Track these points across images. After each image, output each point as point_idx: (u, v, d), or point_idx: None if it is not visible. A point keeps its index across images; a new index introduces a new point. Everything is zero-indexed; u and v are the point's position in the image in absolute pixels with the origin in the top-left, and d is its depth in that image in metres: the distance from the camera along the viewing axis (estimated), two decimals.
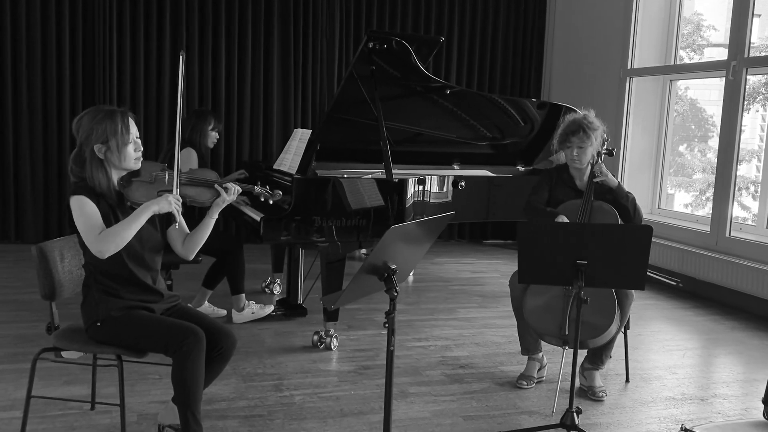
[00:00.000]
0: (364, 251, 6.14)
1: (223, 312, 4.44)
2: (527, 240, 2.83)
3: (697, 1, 6.56)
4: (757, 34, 5.39)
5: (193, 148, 4.40)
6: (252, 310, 4.36)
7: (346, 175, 4.20)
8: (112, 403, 2.76)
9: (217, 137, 4.61)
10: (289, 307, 4.58)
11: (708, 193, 6.28)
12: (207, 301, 4.44)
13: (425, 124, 4.92)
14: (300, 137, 4.44)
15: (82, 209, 2.45)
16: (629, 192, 3.48)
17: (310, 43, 6.89)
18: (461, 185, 4.46)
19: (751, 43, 5.29)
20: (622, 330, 3.46)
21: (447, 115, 4.90)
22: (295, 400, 3.21)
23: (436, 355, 3.91)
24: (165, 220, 2.63)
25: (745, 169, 5.92)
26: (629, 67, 6.44)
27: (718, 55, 6.36)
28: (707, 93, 6.68)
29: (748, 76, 5.32)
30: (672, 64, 6.38)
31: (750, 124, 6.08)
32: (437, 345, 4.10)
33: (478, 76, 7.51)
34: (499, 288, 5.55)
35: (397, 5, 7.15)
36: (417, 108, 4.83)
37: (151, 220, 2.59)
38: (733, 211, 5.41)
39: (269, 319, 4.39)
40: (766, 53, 5.55)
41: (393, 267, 2.29)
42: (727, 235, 5.39)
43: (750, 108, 5.72)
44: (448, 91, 4.69)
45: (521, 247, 2.84)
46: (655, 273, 5.63)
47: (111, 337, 2.53)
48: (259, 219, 3.76)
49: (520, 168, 5.49)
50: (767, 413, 2.39)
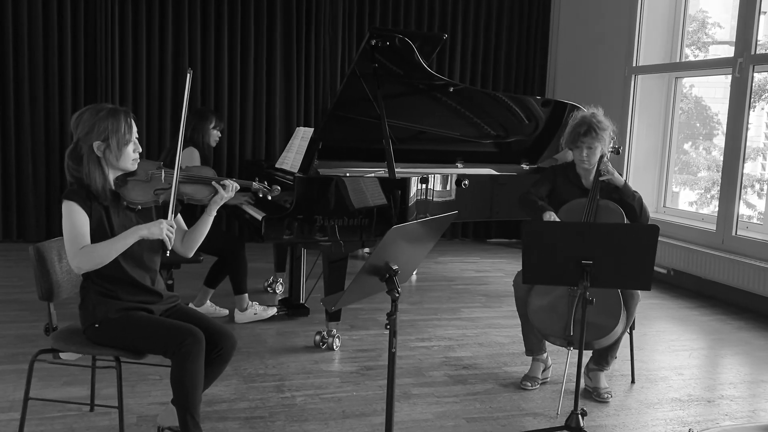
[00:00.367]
0: (366, 250, 6.11)
1: (225, 312, 4.41)
2: (531, 240, 2.79)
3: None
4: (763, 32, 5.34)
5: (196, 147, 4.37)
6: (255, 311, 4.33)
7: (348, 174, 4.16)
8: (111, 406, 2.72)
9: (219, 135, 4.58)
10: (291, 307, 4.55)
11: (713, 191, 6.23)
12: (209, 301, 4.41)
13: (428, 122, 4.88)
14: (302, 136, 4.41)
15: (71, 218, 2.42)
16: (636, 191, 3.43)
17: (312, 41, 6.86)
18: (465, 184, 4.42)
19: (757, 41, 5.24)
20: (628, 330, 3.42)
21: (450, 113, 4.86)
22: (296, 401, 3.18)
23: (439, 356, 3.88)
24: (158, 243, 2.57)
25: (751, 167, 5.87)
26: (634, 65, 6.39)
27: (723, 52, 6.31)
28: (712, 91, 6.63)
29: (754, 74, 5.27)
30: (678, 61, 6.33)
31: (755, 122, 6.03)
32: (440, 345, 4.06)
33: (482, 73, 7.46)
34: (503, 287, 5.51)
35: (400, 2, 7.11)
36: (420, 106, 4.79)
37: (145, 213, 2.55)
38: (739, 209, 5.36)
39: (271, 318, 4.36)
40: None
41: (395, 267, 2.26)
42: (733, 233, 5.33)
43: (756, 106, 5.66)
44: (452, 89, 4.65)
45: (525, 247, 2.79)
46: None
47: (109, 338, 2.50)
48: (260, 218, 3.73)
49: (525, 166, 5.45)
50: None
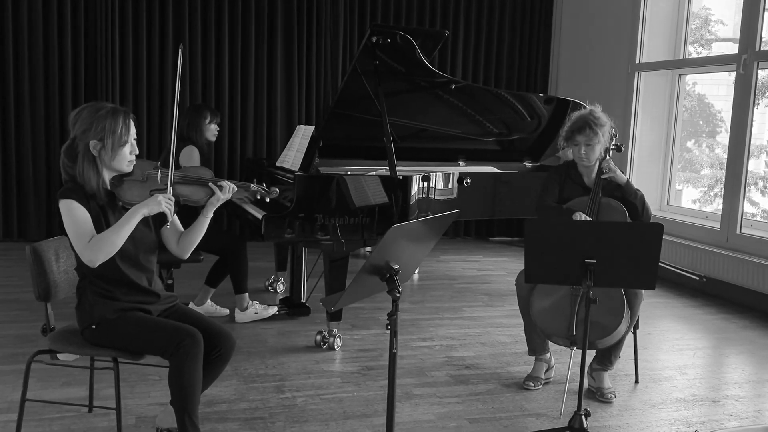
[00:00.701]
0: (368, 249, 6.07)
1: (226, 311, 4.38)
2: (534, 239, 2.75)
3: None
4: None
5: (194, 145, 4.34)
6: (255, 310, 4.30)
7: (349, 172, 4.13)
8: (109, 407, 2.70)
9: (218, 129, 4.54)
10: (292, 306, 4.52)
11: (716, 189, 6.20)
12: (209, 300, 4.39)
13: (430, 119, 4.84)
14: (303, 134, 4.38)
15: (72, 215, 2.39)
16: (638, 189, 3.40)
17: (313, 39, 6.82)
18: (466, 182, 4.39)
19: (762, 37, 5.19)
20: (632, 330, 3.39)
21: (452, 110, 4.82)
22: (297, 401, 3.15)
23: (441, 355, 3.85)
24: (158, 219, 2.57)
25: (754, 165, 5.83)
26: (637, 62, 6.35)
27: (726, 49, 6.27)
28: (715, 88, 6.59)
29: (759, 71, 5.23)
30: (681, 58, 6.29)
31: (759, 119, 5.98)
32: (442, 345, 4.03)
33: (483, 70, 7.43)
34: (506, 286, 5.48)
35: (401, 0, 7.06)
36: (421, 103, 4.76)
37: (144, 221, 2.53)
38: (744, 207, 5.32)
39: (272, 318, 4.33)
40: None
41: (395, 267, 2.23)
42: (737, 232, 5.30)
43: (759, 103, 5.62)
44: (454, 86, 4.61)
45: (528, 246, 2.76)
46: (678, 268, 5.53)
47: (107, 339, 2.48)
48: (261, 217, 3.70)
49: (527, 164, 5.41)
50: None
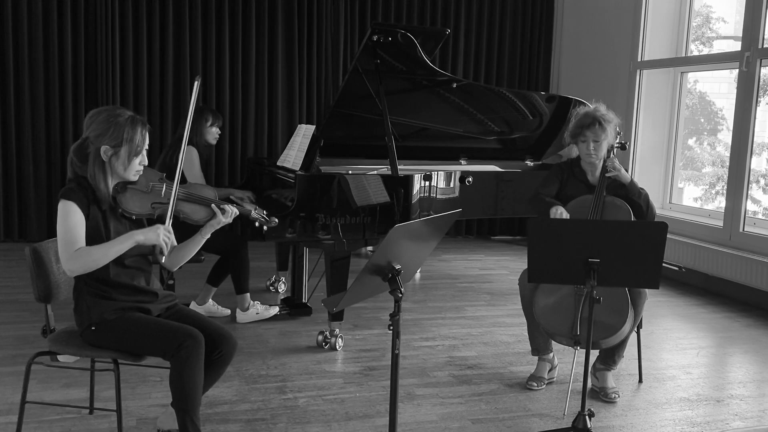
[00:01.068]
0: (369, 248, 6.06)
1: (227, 311, 4.37)
2: (537, 238, 2.74)
3: None
4: None
5: (194, 147, 4.32)
6: (257, 310, 4.28)
7: (350, 172, 4.11)
8: (110, 409, 2.68)
9: (219, 132, 4.53)
10: (293, 306, 4.50)
11: (717, 187, 6.18)
12: (211, 299, 4.37)
13: (431, 118, 4.82)
14: (303, 133, 4.36)
15: (67, 218, 2.36)
16: (642, 188, 3.37)
17: (314, 38, 6.80)
18: (468, 181, 4.37)
19: (765, 35, 5.16)
20: (635, 329, 3.36)
21: (454, 109, 4.80)
22: (299, 402, 3.13)
23: (444, 355, 3.82)
24: (146, 248, 2.53)
25: (756, 162, 5.81)
26: (639, 60, 6.32)
27: (727, 47, 6.25)
28: (716, 86, 6.56)
29: (762, 68, 5.20)
30: (683, 56, 6.26)
31: (761, 117, 5.97)
32: (445, 344, 4.01)
33: (485, 68, 7.40)
34: (508, 285, 5.46)
35: None
36: (423, 102, 4.74)
37: (140, 223, 2.51)
38: (747, 205, 5.30)
39: (273, 318, 4.31)
40: None
41: (398, 267, 2.21)
42: (740, 230, 5.27)
43: (761, 100, 5.60)
44: (455, 85, 4.59)
45: (531, 245, 2.74)
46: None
47: (106, 340, 2.46)
48: (256, 225, 3.67)
49: (529, 163, 5.39)
50: None
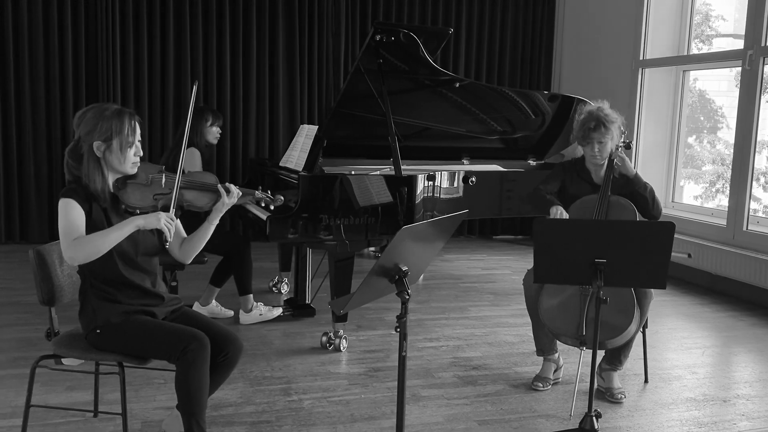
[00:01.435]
0: (372, 249, 6.05)
1: (231, 312, 4.35)
2: (543, 238, 2.72)
3: None
4: None
5: (195, 147, 4.31)
6: (260, 311, 4.27)
7: (353, 172, 4.10)
8: (115, 413, 2.67)
9: (219, 132, 4.51)
10: (297, 307, 4.48)
11: (718, 185, 6.18)
12: (214, 300, 4.36)
13: (434, 118, 4.80)
14: (306, 133, 4.35)
15: (67, 212, 2.36)
16: (647, 182, 3.36)
17: (315, 38, 6.78)
18: (472, 181, 4.35)
19: (767, 33, 5.15)
20: (641, 329, 3.35)
21: (456, 108, 4.78)
22: (303, 404, 3.11)
23: (448, 356, 3.81)
24: (153, 247, 2.54)
25: (756, 160, 5.80)
26: (641, 58, 6.31)
27: (727, 45, 6.24)
28: (716, 84, 6.55)
29: (765, 66, 5.19)
30: (685, 54, 6.25)
31: (761, 114, 5.96)
32: (449, 345, 3.99)
33: (486, 67, 7.38)
34: (511, 285, 5.45)
35: None
36: (425, 102, 4.72)
37: None
38: (750, 204, 5.29)
39: (277, 319, 4.30)
40: None
41: (404, 269, 2.19)
42: (744, 229, 5.26)
43: (761, 98, 5.59)
44: (458, 84, 4.57)
45: (537, 246, 2.73)
46: None
47: (111, 343, 2.44)
48: (265, 218, 3.67)
49: (532, 162, 5.38)
50: None
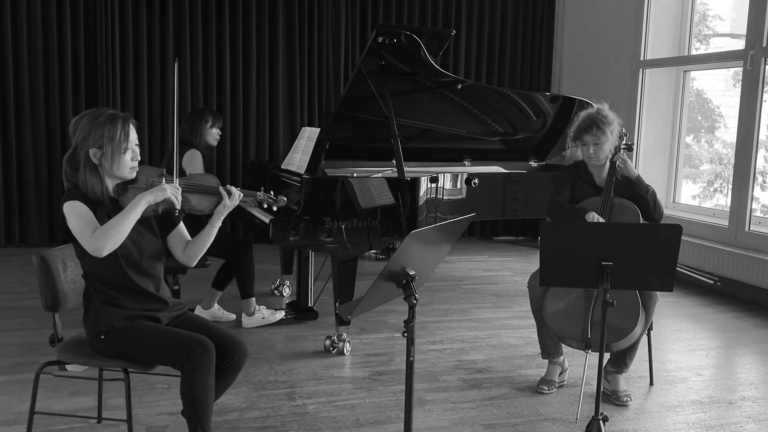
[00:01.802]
0: (373, 251, 6.03)
1: (233, 316, 4.33)
2: (550, 241, 2.70)
3: None
4: None
5: (196, 148, 4.29)
6: (262, 315, 4.25)
7: (355, 174, 4.08)
8: (119, 419, 2.65)
9: (219, 134, 4.49)
10: (299, 310, 4.47)
11: (716, 184, 6.18)
12: (216, 304, 4.34)
13: (435, 119, 4.79)
14: (308, 136, 4.33)
15: (75, 211, 2.35)
16: (649, 185, 3.35)
17: (315, 40, 6.76)
18: (474, 183, 4.34)
19: None
20: (646, 331, 3.34)
21: (457, 110, 4.77)
22: (308, 409, 3.10)
23: (452, 359, 3.80)
24: (165, 226, 2.52)
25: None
26: (642, 59, 6.30)
27: (724, 44, 6.25)
28: (713, 83, 6.55)
29: (766, 66, 5.18)
30: (686, 54, 6.24)
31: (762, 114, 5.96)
32: (453, 348, 3.98)
33: (486, 68, 7.37)
34: (513, 287, 5.43)
35: (404, 0, 7.01)
36: (426, 103, 4.71)
37: (149, 227, 2.48)
38: (752, 204, 5.28)
39: (279, 323, 4.28)
40: None
41: (412, 273, 2.18)
42: (746, 229, 5.25)
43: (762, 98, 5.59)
44: (460, 86, 4.56)
45: (543, 249, 2.71)
46: (691, 270, 5.45)
47: (116, 349, 2.42)
48: (268, 221, 3.65)
49: (533, 163, 5.37)
50: None
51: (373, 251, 6.06)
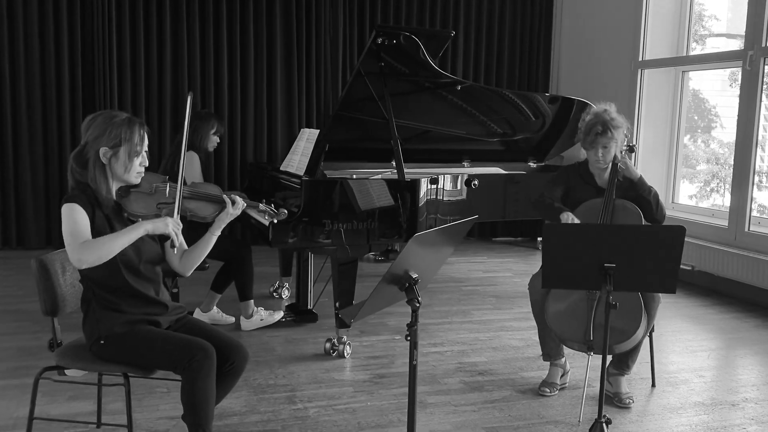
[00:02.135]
0: (372, 253, 6.01)
1: (232, 319, 4.31)
2: (553, 243, 2.69)
3: None
4: None
5: (195, 152, 4.27)
6: (261, 316, 4.23)
7: (355, 176, 4.06)
8: (119, 424, 2.62)
9: (218, 141, 4.47)
10: (298, 313, 4.44)
11: (713, 184, 6.18)
12: (215, 307, 4.31)
13: (434, 121, 4.78)
14: (307, 137, 4.31)
15: (71, 216, 2.31)
16: (651, 186, 3.34)
17: (313, 41, 6.75)
18: (474, 184, 4.32)
19: None
20: (648, 333, 3.32)
21: (457, 111, 4.75)
22: (309, 413, 3.08)
23: (453, 362, 3.78)
24: (156, 256, 2.50)
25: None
26: (641, 59, 6.29)
27: (720, 45, 6.26)
28: (710, 83, 6.55)
29: (766, 66, 5.18)
30: (684, 55, 6.23)
31: (761, 114, 5.95)
32: (453, 350, 3.96)
33: (484, 69, 7.35)
34: (513, 288, 5.42)
35: (401, 1, 6.98)
36: (426, 104, 4.69)
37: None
38: (751, 205, 5.27)
39: (279, 325, 4.26)
40: None
41: (414, 276, 2.17)
42: (746, 229, 5.24)
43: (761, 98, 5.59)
44: (459, 87, 4.54)
45: (546, 251, 2.69)
46: None
47: (116, 354, 2.40)
48: (267, 223, 3.62)
49: (532, 164, 5.36)
50: None
51: (372, 253, 6.04)
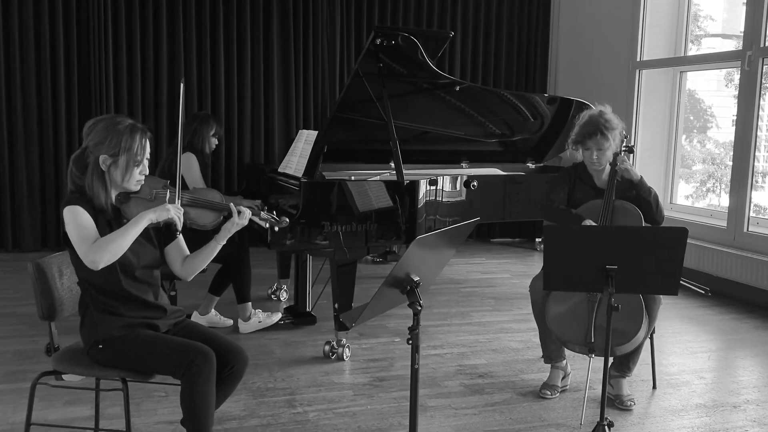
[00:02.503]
0: (370, 255, 5.98)
1: (230, 322, 4.28)
2: (554, 245, 2.67)
3: None
4: None
5: (193, 153, 4.24)
6: (259, 318, 4.20)
7: (353, 177, 4.04)
8: (117, 429, 2.60)
9: (216, 143, 4.45)
10: (297, 315, 4.42)
11: (708, 184, 6.18)
12: (213, 309, 4.29)
13: (432, 122, 4.76)
14: (305, 139, 4.28)
15: (76, 219, 2.28)
16: (651, 187, 3.32)
17: (310, 42, 6.73)
18: (473, 185, 4.30)
19: (767, 33, 5.13)
20: (649, 335, 3.31)
21: (455, 112, 4.73)
22: (309, 416, 3.05)
23: (453, 364, 3.76)
24: (167, 230, 2.48)
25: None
26: (638, 60, 6.28)
27: (716, 45, 6.26)
28: (705, 83, 6.55)
29: (764, 66, 5.17)
30: (682, 55, 6.23)
31: (760, 115, 5.95)
32: (453, 353, 3.94)
33: (482, 69, 7.34)
34: (511, 289, 5.40)
35: (398, 2, 6.97)
36: (424, 105, 4.67)
37: (148, 237, 2.43)
38: (750, 205, 5.26)
39: (277, 328, 4.23)
40: None
41: (416, 279, 2.15)
42: (745, 230, 5.23)
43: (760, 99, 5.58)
44: (458, 88, 4.52)
45: (547, 253, 2.68)
46: (684, 280, 5.42)
47: (114, 358, 2.37)
48: (266, 225, 3.59)
49: (531, 165, 5.34)
50: None
51: (370, 255, 6.01)
